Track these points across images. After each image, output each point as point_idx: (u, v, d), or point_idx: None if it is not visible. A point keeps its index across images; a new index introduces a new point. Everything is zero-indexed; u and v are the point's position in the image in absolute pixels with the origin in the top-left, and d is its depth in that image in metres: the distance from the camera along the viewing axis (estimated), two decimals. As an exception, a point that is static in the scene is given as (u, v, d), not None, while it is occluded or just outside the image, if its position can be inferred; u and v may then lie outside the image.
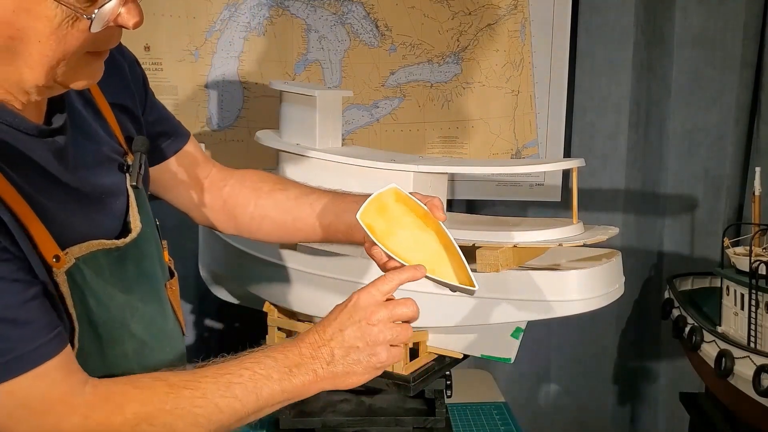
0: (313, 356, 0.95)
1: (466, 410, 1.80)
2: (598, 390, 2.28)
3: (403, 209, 1.04)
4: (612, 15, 2.07)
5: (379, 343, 0.95)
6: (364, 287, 0.97)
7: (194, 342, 2.05)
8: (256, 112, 1.97)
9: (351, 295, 0.98)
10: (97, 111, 1.03)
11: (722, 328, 1.82)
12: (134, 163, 1.04)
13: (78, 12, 0.78)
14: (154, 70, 1.92)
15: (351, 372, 0.96)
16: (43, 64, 0.81)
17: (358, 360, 0.96)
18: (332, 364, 0.95)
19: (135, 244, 1.01)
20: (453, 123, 2.03)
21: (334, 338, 0.95)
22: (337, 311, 0.98)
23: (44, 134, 0.90)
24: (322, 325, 0.97)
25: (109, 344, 0.94)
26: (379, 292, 0.96)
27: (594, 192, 2.15)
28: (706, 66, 2.13)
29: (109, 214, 0.99)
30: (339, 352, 0.95)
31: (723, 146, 2.18)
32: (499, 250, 1.33)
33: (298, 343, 0.96)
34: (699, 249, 2.22)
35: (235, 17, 1.92)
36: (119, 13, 0.82)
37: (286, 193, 1.24)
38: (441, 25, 1.97)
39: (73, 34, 0.80)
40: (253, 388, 0.92)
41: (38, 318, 0.82)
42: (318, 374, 0.95)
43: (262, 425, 1.69)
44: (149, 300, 1.03)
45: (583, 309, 1.38)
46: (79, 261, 0.90)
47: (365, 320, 0.95)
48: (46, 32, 0.79)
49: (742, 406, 1.70)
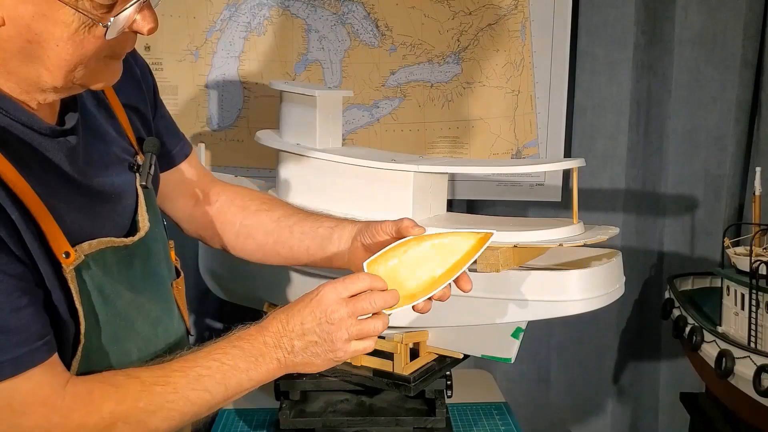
0: (276, 345, 0.98)
1: (466, 410, 1.80)
2: (598, 390, 2.28)
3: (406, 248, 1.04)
4: (612, 15, 2.07)
5: (337, 340, 0.97)
6: (331, 282, 0.99)
7: (194, 342, 2.05)
8: (256, 112, 1.97)
9: (318, 287, 0.99)
10: (110, 111, 1.05)
11: (722, 328, 1.82)
12: (144, 164, 1.06)
13: (95, 19, 0.81)
14: (155, 70, 1.91)
15: (310, 363, 0.99)
16: (61, 67, 0.84)
17: (317, 353, 0.98)
18: (293, 354, 0.98)
19: (143, 243, 1.02)
20: (453, 123, 2.03)
21: (295, 331, 0.97)
22: (302, 303, 0.99)
23: (57, 134, 0.92)
24: (286, 315, 0.99)
25: (114, 341, 0.96)
26: (345, 289, 0.98)
27: (594, 192, 2.15)
28: (706, 66, 2.13)
29: (119, 212, 1.01)
30: (299, 344, 0.97)
31: (723, 146, 2.17)
32: (499, 250, 1.33)
33: (263, 331, 0.98)
34: (699, 249, 2.22)
35: (236, 17, 1.92)
36: (135, 20, 0.85)
37: (270, 215, 1.26)
38: (441, 25, 1.97)
39: (90, 40, 0.83)
40: (221, 379, 0.95)
41: (30, 326, 0.84)
42: (281, 362, 0.98)
43: (262, 425, 1.69)
44: (156, 299, 1.04)
45: (583, 309, 1.38)
46: (89, 258, 0.92)
47: (324, 318, 0.97)
48: (64, 37, 0.82)
49: (743, 406, 1.70)
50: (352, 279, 0.99)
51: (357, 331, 0.97)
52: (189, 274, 1.93)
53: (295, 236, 1.22)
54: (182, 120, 1.96)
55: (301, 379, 1.56)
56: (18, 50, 0.82)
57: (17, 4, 0.79)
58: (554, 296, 1.37)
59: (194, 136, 1.97)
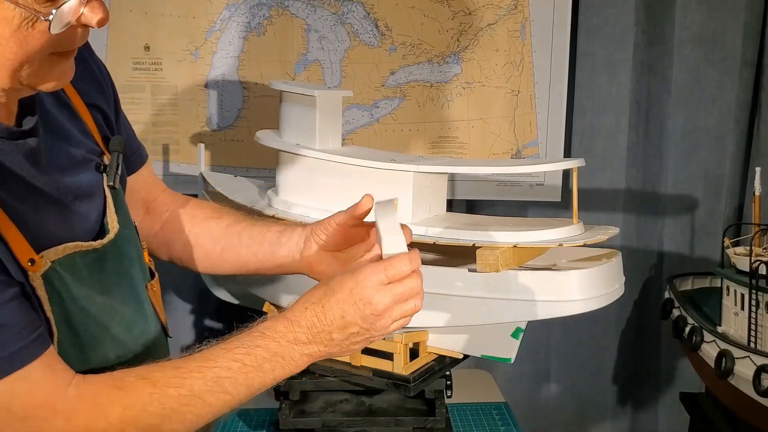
0: (311, 341, 0.93)
1: (466, 410, 1.80)
2: (598, 390, 2.28)
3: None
4: (612, 15, 2.07)
5: (381, 327, 0.93)
6: (369, 267, 0.93)
7: (194, 342, 2.05)
8: (256, 112, 1.97)
9: (356, 275, 0.93)
10: (73, 112, 1.02)
11: (722, 328, 1.82)
12: (111, 164, 1.03)
13: (36, 13, 0.77)
14: (154, 70, 1.92)
15: (346, 350, 0.95)
16: (5, 67, 0.80)
17: (356, 342, 0.94)
18: (329, 346, 0.94)
19: (113, 246, 0.99)
20: (453, 123, 2.03)
21: (334, 323, 0.93)
22: (340, 292, 0.93)
23: (15, 136, 0.88)
24: (322, 308, 0.93)
25: (89, 348, 0.92)
26: (387, 276, 0.92)
27: (594, 192, 2.15)
28: (706, 65, 2.13)
29: (86, 215, 0.97)
30: (338, 336, 0.93)
31: (723, 146, 2.17)
32: (499, 250, 1.33)
33: (293, 327, 0.93)
34: (699, 249, 2.22)
35: (235, 17, 1.92)
36: (82, 13, 0.80)
37: (219, 222, 1.23)
38: (441, 25, 1.97)
39: (34, 36, 0.78)
40: (243, 380, 0.91)
41: (18, 320, 0.81)
42: (313, 356, 0.94)
43: (262, 425, 1.69)
44: (129, 302, 1.01)
45: (583, 309, 1.38)
46: (56, 264, 0.88)
47: (369, 310, 0.92)
48: (6, 35, 0.77)
49: (742, 406, 1.70)
50: (392, 262, 0.93)
51: (400, 314, 0.94)
52: (189, 274, 1.93)
53: (243, 242, 1.19)
54: (182, 120, 1.96)
55: (301, 379, 1.56)
56: None
57: None
58: (554, 296, 1.37)
59: (194, 136, 1.97)
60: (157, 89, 1.94)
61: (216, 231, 1.22)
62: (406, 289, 0.93)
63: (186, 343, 2.04)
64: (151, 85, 1.93)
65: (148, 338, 1.04)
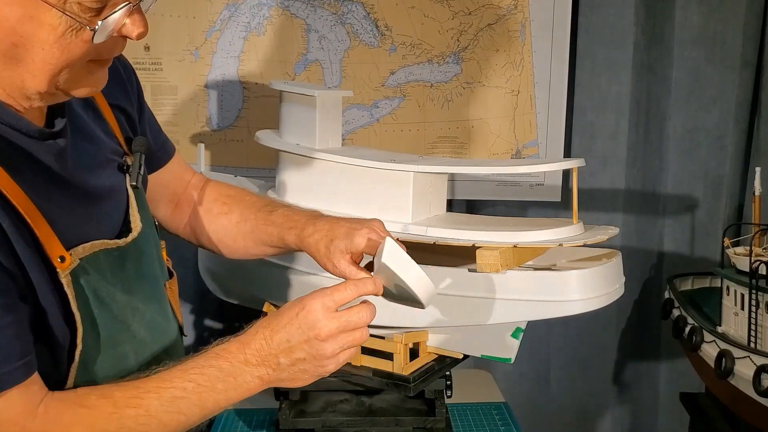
0: (259, 363, 0.94)
1: (466, 410, 1.80)
2: (598, 390, 2.28)
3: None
4: (612, 15, 2.07)
5: (328, 356, 0.94)
6: (317, 292, 0.95)
7: (194, 342, 2.05)
8: (256, 112, 1.97)
9: (303, 300, 0.95)
10: (97, 112, 1.04)
11: (722, 328, 1.82)
12: (134, 164, 1.05)
13: (82, 22, 0.79)
14: (154, 70, 1.92)
15: (296, 379, 0.96)
16: (45, 71, 0.82)
17: (304, 369, 0.95)
18: (278, 371, 0.95)
19: (135, 245, 1.01)
20: (453, 123, 2.03)
21: (280, 347, 0.94)
22: (287, 317, 0.95)
23: (45, 136, 0.90)
24: (270, 331, 0.95)
25: (110, 345, 0.95)
26: (333, 301, 0.95)
27: (594, 192, 2.15)
28: (707, 65, 2.13)
29: (110, 214, 1.00)
30: (285, 361, 0.94)
31: (723, 146, 2.18)
32: (499, 250, 1.33)
33: (244, 348, 0.95)
34: (699, 249, 2.22)
35: (235, 17, 1.92)
36: (124, 24, 0.83)
37: (229, 218, 1.26)
38: (441, 25, 1.97)
39: (77, 44, 0.81)
40: (197, 401, 0.92)
41: (9, 345, 0.82)
42: (263, 380, 0.95)
43: (262, 425, 1.69)
44: (149, 300, 1.03)
45: (583, 309, 1.38)
46: (83, 261, 0.91)
47: (315, 336, 0.93)
48: (50, 40, 0.79)
49: (742, 406, 1.70)
50: (338, 289, 0.95)
51: (348, 342, 0.95)
52: (189, 274, 1.93)
53: (259, 237, 1.24)
54: (182, 120, 1.96)
55: (301, 379, 1.56)
56: (2, 53, 0.80)
57: (3, 5, 0.77)
58: (554, 296, 1.37)
59: (194, 136, 1.97)
60: (157, 89, 1.94)
61: (229, 229, 1.26)
62: (353, 318, 0.95)
63: (187, 343, 2.04)
64: (151, 85, 1.93)
65: (166, 337, 1.06)
